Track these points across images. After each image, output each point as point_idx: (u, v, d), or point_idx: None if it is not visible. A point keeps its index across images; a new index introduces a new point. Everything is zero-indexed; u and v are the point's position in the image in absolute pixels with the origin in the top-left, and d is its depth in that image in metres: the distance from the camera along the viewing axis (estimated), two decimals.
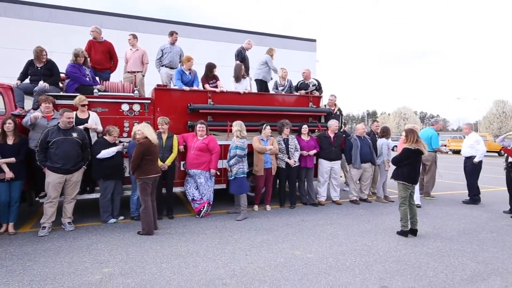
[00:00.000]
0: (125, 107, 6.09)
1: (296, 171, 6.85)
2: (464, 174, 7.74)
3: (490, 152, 23.46)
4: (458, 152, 12.24)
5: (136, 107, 6.17)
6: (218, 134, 6.59)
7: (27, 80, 6.02)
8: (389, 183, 7.45)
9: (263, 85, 8.38)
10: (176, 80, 6.84)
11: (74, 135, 5.15)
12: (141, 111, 6.20)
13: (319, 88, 8.24)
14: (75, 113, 5.47)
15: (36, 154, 5.04)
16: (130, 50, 7.69)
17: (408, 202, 5.13)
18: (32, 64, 5.96)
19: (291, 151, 6.74)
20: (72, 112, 5.23)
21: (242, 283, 3.49)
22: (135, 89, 6.56)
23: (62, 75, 6.35)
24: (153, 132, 5.19)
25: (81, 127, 5.45)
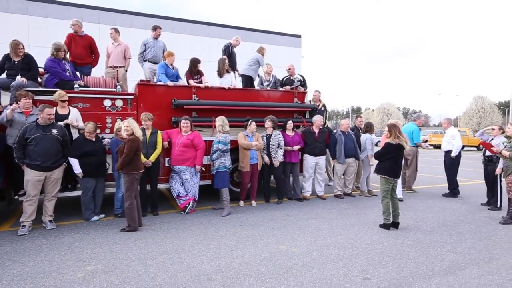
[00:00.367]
0: (107, 103, 5.96)
1: (280, 167, 6.86)
2: (444, 168, 7.97)
3: (469, 146, 24.18)
4: (439, 147, 12.58)
5: (119, 103, 6.05)
6: (203, 130, 6.56)
7: (3, 75, 5.82)
8: (372, 177, 7.60)
9: (249, 81, 8.35)
10: (160, 74, 6.67)
11: (54, 131, 5.02)
12: (124, 106, 6.09)
13: (304, 83, 8.30)
14: (55, 108, 5.32)
15: (14, 151, 4.90)
16: (112, 45, 7.54)
17: (390, 196, 5.24)
18: (8, 58, 5.75)
19: (272, 148, 6.72)
20: (53, 108, 5.09)
21: (227, 278, 3.50)
22: (118, 84, 6.43)
23: (41, 69, 6.17)
24: (139, 128, 5.15)
25: (61, 123, 5.31)
